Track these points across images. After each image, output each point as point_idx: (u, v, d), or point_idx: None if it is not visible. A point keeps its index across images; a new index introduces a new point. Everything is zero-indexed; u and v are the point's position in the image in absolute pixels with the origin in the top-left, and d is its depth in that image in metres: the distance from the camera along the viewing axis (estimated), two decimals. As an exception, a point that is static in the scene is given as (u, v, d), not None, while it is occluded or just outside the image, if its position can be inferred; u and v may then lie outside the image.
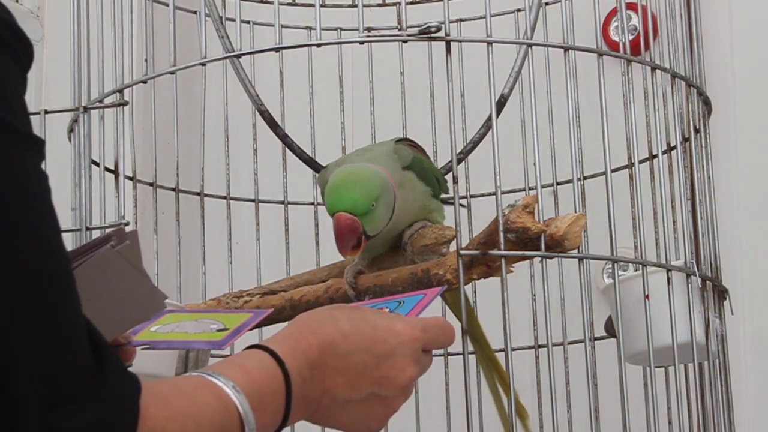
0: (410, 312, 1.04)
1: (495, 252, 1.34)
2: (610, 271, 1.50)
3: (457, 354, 1.55)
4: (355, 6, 1.54)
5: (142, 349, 1.05)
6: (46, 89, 2.29)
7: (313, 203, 1.82)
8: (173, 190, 1.69)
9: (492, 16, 1.41)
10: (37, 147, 0.74)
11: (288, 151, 1.77)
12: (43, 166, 0.74)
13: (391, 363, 0.92)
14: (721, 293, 1.61)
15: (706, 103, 1.67)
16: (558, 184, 1.70)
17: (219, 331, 1.04)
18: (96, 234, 1.52)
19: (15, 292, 0.69)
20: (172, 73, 1.51)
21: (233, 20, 1.49)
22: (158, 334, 1.05)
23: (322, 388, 0.89)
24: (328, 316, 0.91)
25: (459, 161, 1.71)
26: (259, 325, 1.13)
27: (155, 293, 0.97)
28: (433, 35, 1.38)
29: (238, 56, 1.59)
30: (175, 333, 1.05)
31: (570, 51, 1.45)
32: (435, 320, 0.99)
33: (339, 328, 0.90)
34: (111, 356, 0.74)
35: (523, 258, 1.37)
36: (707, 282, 1.55)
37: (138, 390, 0.75)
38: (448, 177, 1.56)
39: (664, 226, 1.53)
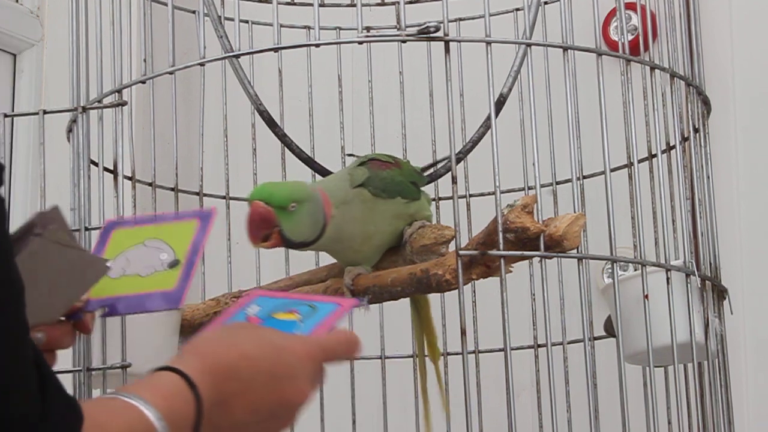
0: (322, 323, 1.02)
1: (494, 252, 1.34)
2: (610, 270, 1.50)
3: (457, 354, 1.55)
4: (354, 6, 1.54)
5: (101, 316, 1.04)
6: (45, 89, 2.29)
7: (312, 203, 1.81)
8: (172, 190, 1.69)
9: (491, 15, 1.41)
10: None
11: (287, 151, 1.77)
12: (1, 190, 0.74)
13: (291, 385, 0.92)
14: (721, 293, 1.61)
15: (706, 102, 1.67)
16: (557, 183, 1.70)
17: (171, 266, 1.02)
18: (94, 234, 1.52)
19: None
20: (171, 73, 1.51)
21: (232, 20, 1.49)
22: (110, 282, 1.03)
23: (224, 411, 0.89)
24: (231, 339, 0.91)
25: (458, 161, 1.71)
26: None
27: (95, 262, 0.97)
28: (432, 35, 1.38)
29: (237, 56, 1.59)
30: (127, 279, 1.03)
31: (569, 51, 1.45)
32: (336, 337, 0.98)
33: (242, 352, 0.90)
34: (55, 384, 0.75)
35: (523, 258, 1.37)
36: (706, 282, 1.55)
37: (80, 419, 0.75)
38: (447, 177, 1.56)
39: (663, 226, 1.53)
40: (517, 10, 1.85)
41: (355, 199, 1.44)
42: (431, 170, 1.70)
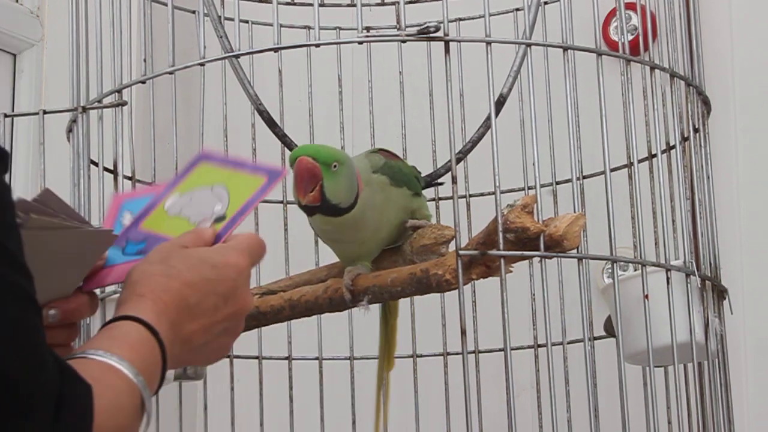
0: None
1: (494, 252, 1.34)
2: (610, 270, 1.50)
3: (457, 354, 1.55)
4: (354, 6, 1.54)
5: (135, 254, 1.00)
6: (45, 89, 2.29)
7: (312, 203, 1.81)
8: (172, 190, 1.69)
9: (491, 15, 1.41)
10: (2, 161, 0.73)
11: (287, 151, 1.77)
12: (6, 178, 0.74)
13: (236, 298, 0.94)
14: (721, 293, 1.61)
15: (705, 102, 1.67)
16: (557, 183, 1.70)
17: (216, 221, 1.00)
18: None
19: None
20: (170, 73, 1.51)
21: (232, 20, 1.49)
22: (164, 218, 1.01)
23: (182, 342, 0.90)
24: (168, 269, 0.91)
25: (458, 161, 1.71)
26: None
27: (99, 234, 0.96)
28: (432, 35, 1.38)
29: (237, 56, 1.59)
30: (178, 221, 1.01)
31: (569, 51, 1.45)
32: (253, 240, 0.99)
33: (184, 280, 0.91)
34: (68, 368, 0.75)
35: (522, 258, 1.37)
36: (706, 282, 1.55)
37: (90, 389, 0.76)
38: (447, 177, 1.56)
39: (663, 226, 1.53)
40: (517, 10, 1.85)
41: (374, 184, 1.45)
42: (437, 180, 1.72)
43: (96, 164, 1.57)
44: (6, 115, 1.64)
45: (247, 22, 1.83)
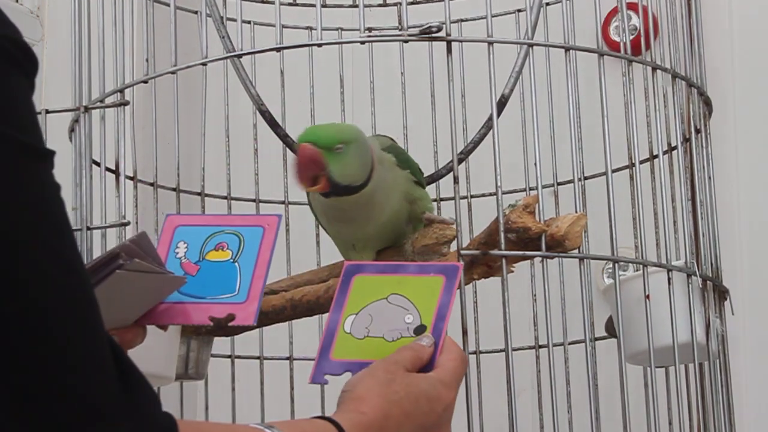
0: (260, 257, 1.01)
1: (495, 252, 1.34)
2: (611, 271, 1.50)
3: (458, 354, 1.55)
4: (356, 6, 1.54)
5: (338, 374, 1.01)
6: (47, 89, 2.29)
7: (313, 203, 1.82)
8: (174, 190, 1.69)
9: (493, 16, 1.41)
10: (50, 159, 0.74)
11: (288, 151, 1.78)
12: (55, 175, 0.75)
13: (436, 430, 0.98)
14: (722, 293, 1.61)
15: (707, 103, 1.67)
16: (559, 184, 1.70)
17: (416, 332, 0.99)
18: (96, 234, 1.52)
19: (41, 308, 0.68)
20: (173, 73, 1.51)
21: (234, 20, 1.49)
22: (354, 343, 1.01)
23: None
24: (391, 393, 0.94)
25: (460, 161, 1.71)
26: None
27: (175, 279, 0.98)
28: (433, 35, 1.38)
29: (239, 56, 1.59)
30: (371, 342, 1.01)
31: (571, 51, 1.45)
32: (460, 368, 1.01)
33: (403, 409, 0.94)
34: (137, 374, 0.75)
35: (524, 258, 1.37)
36: (708, 282, 1.55)
37: (174, 425, 0.75)
38: (449, 177, 1.56)
39: (664, 227, 1.53)
40: (519, 10, 1.85)
41: (385, 161, 1.45)
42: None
43: (98, 164, 1.57)
44: (8, 115, 1.63)
45: (249, 22, 1.84)
